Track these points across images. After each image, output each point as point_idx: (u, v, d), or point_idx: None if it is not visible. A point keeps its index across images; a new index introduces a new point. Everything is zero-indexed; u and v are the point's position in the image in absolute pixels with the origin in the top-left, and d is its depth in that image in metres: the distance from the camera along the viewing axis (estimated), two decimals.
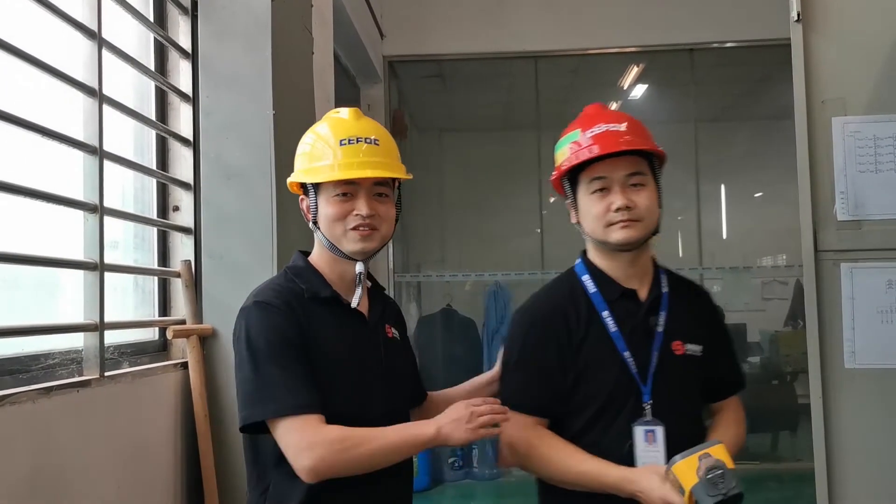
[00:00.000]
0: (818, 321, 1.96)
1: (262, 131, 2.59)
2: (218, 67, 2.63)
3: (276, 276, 1.80)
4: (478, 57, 6.54)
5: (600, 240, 1.80)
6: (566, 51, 6.52)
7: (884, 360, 1.94)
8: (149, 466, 2.21)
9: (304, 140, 1.79)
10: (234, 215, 2.59)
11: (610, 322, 1.78)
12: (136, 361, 2.32)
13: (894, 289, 1.94)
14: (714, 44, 6.48)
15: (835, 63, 1.97)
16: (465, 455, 6.12)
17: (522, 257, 6.92)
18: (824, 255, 1.96)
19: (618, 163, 1.76)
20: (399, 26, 6.33)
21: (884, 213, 1.96)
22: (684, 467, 1.50)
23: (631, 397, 1.74)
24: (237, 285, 2.56)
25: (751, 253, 7.01)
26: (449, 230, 7.75)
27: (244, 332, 1.65)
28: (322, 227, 1.72)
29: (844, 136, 1.96)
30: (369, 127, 1.76)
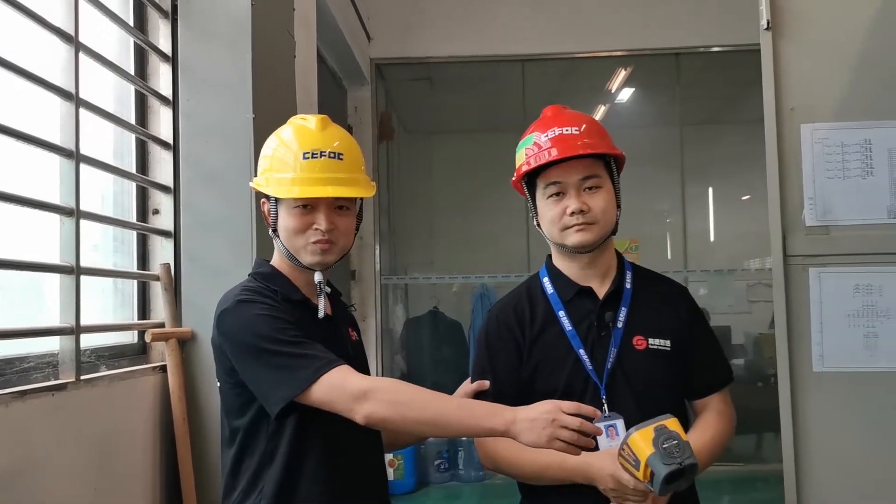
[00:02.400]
0: (787, 325, 1.98)
1: (242, 135, 2.60)
2: (198, 71, 2.64)
3: (244, 282, 1.78)
4: (465, 60, 6.56)
5: (557, 242, 1.83)
6: (553, 54, 6.55)
7: (851, 363, 1.96)
8: (126, 470, 2.22)
9: (269, 144, 1.79)
10: (214, 219, 2.60)
11: (565, 321, 1.82)
12: (115, 364, 2.33)
13: (861, 293, 1.96)
14: (700, 48, 6.52)
15: (804, 70, 1.99)
16: (451, 457, 6.14)
17: (509, 260, 6.94)
18: (793, 260, 1.99)
19: (573, 166, 1.78)
20: (386, 29, 6.34)
21: (851, 218, 1.99)
22: (639, 439, 1.50)
23: (588, 394, 1.76)
24: (217, 288, 2.53)
25: (736, 255, 7.04)
26: (436, 232, 7.77)
27: (239, 330, 1.63)
28: (282, 237, 1.73)
29: (813, 143, 1.98)
30: (335, 138, 1.75)
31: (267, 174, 1.73)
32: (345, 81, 6.11)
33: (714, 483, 5.46)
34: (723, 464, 5.80)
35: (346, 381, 1.57)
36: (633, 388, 1.77)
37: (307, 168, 1.69)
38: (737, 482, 5.78)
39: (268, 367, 1.60)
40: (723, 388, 1.88)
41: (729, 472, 5.82)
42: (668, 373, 1.81)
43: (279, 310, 1.66)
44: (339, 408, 1.57)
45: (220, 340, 1.68)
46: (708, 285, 6.52)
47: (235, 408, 1.70)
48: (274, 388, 1.59)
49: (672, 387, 1.82)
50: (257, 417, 1.66)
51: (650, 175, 7.06)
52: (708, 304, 6.71)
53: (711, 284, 6.44)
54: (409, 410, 1.56)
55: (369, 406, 1.54)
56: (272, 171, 1.73)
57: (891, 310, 1.95)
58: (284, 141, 1.76)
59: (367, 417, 1.54)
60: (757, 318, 6.69)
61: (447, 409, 1.58)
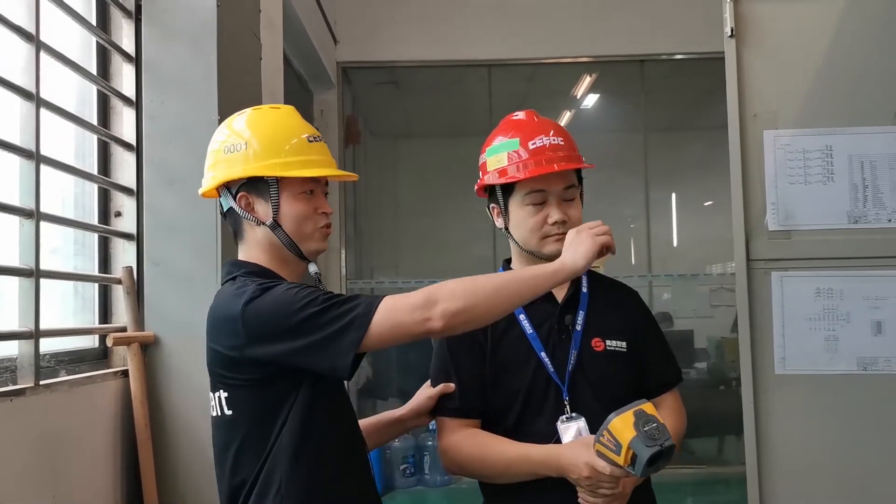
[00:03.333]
0: (750, 328, 2.01)
1: (207, 137, 2.51)
2: (162, 72, 2.61)
3: (238, 282, 1.62)
4: (432, 64, 6.56)
5: (533, 250, 1.83)
6: (520, 59, 6.58)
7: (812, 366, 2.00)
8: (86, 477, 2.18)
9: (245, 130, 1.69)
10: (178, 222, 2.57)
11: (526, 324, 1.83)
12: (75, 370, 2.28)
13: (822, 297, 2.00)
14: (663, 55, 6.60)
15: (767, 78, 2.03)
16: (417, 461, 6.12)
17: (475, 263, 6.95)
18: (756, 264, 2.02)
19: (556, 177, 1.79)
20: (353, 32, 6.32)
21: (812, 223, 2.02)
22: (620, 424, 1.52)
23: (550, 396, 1.78)
24: (180, 292, 2.55)
25: (699, 260, 7.13)
26: (402, 236, 7.75)
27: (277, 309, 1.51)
28: (287, 226, 1.65)
29: (775, 149, 2.02)
30: (312, 126, 1.75)
31: (257, 161, 1.63)
32: (311, 84, 6.08)
33: (675, 485, 5.51)
34: (684, 466, 5.87)
35: (399, 299, 1.50)
36: (594, 388, 1.79)
37: (316, 150, 1.67)
38: (698, 484, 5.85)
39: (323, 327, 1.49)
40: (675, 386, 1.91)
41: (690, 474, 5.88)
42: (625, 372, 1.84)
43: (300, 284, 1.59)
44: (410, 324, 1.48)
45: (245, 341, 1.53)
46: (671, 290, 6.59)
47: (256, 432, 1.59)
48: (339, 342, 1.48)
49: (629, 386, 1.84)
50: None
51: (615, 181, 7.13)
52: (671, 309, 6.79)
53: (675, 289, 6.51)
54: (478, 289, 1.51)
55: (441, 305, 1.46)
56: (266, 157, 1.63)
57: (851, 314, 1.99)
58: (276, 123, 1.70)
59: (444, 316, 1.46)
60: (719, 322, 6.77)
61: (505, 276, 1.57)
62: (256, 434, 1.59)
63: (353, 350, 1.48)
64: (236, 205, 1.67)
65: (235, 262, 1.72)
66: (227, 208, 1.70)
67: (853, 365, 1.98)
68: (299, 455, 1.56)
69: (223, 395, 1.63)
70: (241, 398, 1.60)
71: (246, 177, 1.64)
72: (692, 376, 6.58)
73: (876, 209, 1.99)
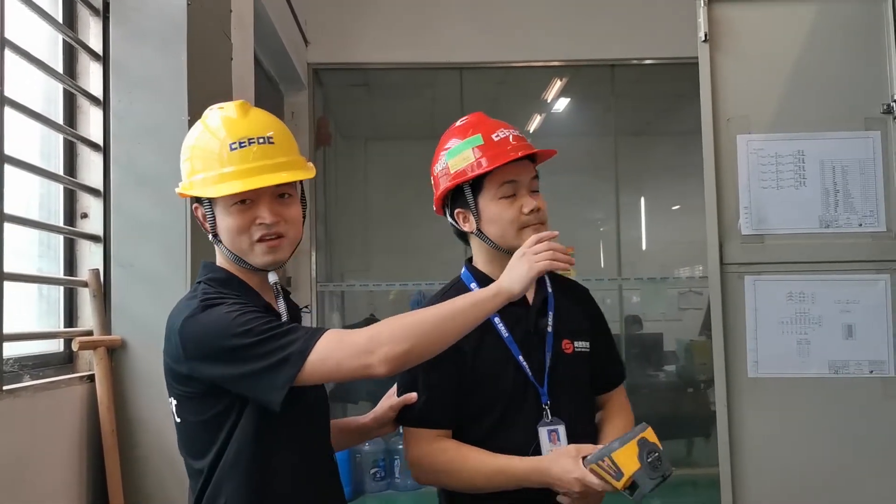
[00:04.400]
0: (723, 332, 2.02)
1: (176, 137, 2.43)
2: (130, 71, 2.56)
3: (197, 290, 1.59)
4: (403, 66, 6.54)
5: (510, 244, 1.78)
6: (491, 63, 6.59)
7: (784, 369, 2.01)
8: (50, 485, 2.12)
9: (186, 144, 1.63)
10: (147, 223, 2.52)
11: (502, 328, 1.78)
12: (39, 374, 2.23)
13: (794, 300, 2.02)
14: (633, 60, 6.64)
15: (740, 82, 2.04)
16: (387, 465, 6.09)
17: (447, 266, 6.91)
18: (729, 268, 2.03)
19: (525, 167, 1.79)
20: (324, 34, 6.28)
21: (784, 227, 2.04)
22: (625, 455, 1.51)
23: (528, 400, 1.75)
24: (148, 295, 2.50)
25: (668, 264, 7.18)
26: (373, 239, 7.72)
27: (214, 334, 1.46)
28: (224, 241, 1.58)
29: (748, 153, 2.03)
30: (260, 123, 1.60)
31: (191, 177, 1.58)
32: (282, 86, 6.03)
33: None
34: None
35: (344, 338, 1.45)
36: (567, 390, 1.77)
37: (238, 159, 1.53)
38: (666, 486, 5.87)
39: (257, 359, 1.44)
40: (622, 382, 1.93)
41: None
42: (588, 374, 1.84)
43: (248, 304, 1.53)
44: (351, 368, 1.44)
45: (183, 357, 1.50)
46: (641, 293, 6.63)
47: (203, 444, 1.55)
48: (271, 376, 1.43)
49: (590, 385, 1.85)
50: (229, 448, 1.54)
51: (585, 184, 7.16)
52: (640, 312, 6.83)
53: (644, 292, 6.55)
54: (420, 327, 1.47)
55: (383, 349, 1.43)
56: (196, 172, 1.57)
57: (822, 317, 2.01)
58: (204, 136, 1.60)
59: (388, 360, 1.42)
60: (688, 325, 6.83)
61: (444, 309, 1.51)
62: (201, 445, 1.56)
63: (286, 386, 1.44)
64: (194, 213, 1.64)
65: (206, 264, 1.68)
66: None
67: (825, 368, 2.00)
68: (246, 470, 1.52)
69: (174, 402, 1.61)
70: (187, 408, 1.57)
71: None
72: (661, 379, 6.63)
73: (847, 214, 2.02)
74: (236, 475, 1.52)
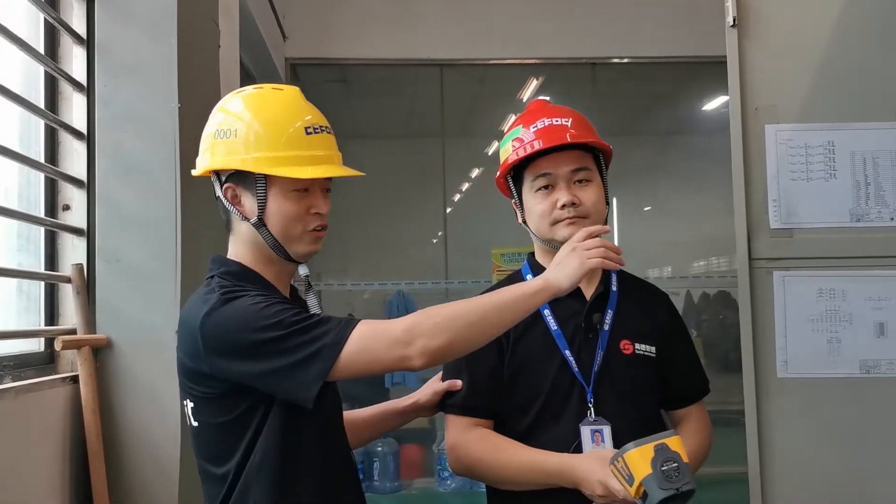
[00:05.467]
0: (752, 330, 1.95)
1: (166, 125, 2.39)
2: (117, 55, 2.43)
3: (212, 283, 1.51)
4: (383, 63, 6.44)
5: (546, 238, 1.74)
6: (472, 60, 6.51)
7: (814, 369, 1.94)
8: (32, 492, 1.99)
9: (235, 119, 1.54)
10: (134, 215, 2.39)
11: (551, 320, 1.72)
12: (20, 375, 2.08)
13: (824, 297, 1.95)
14: (614, 59, 6.61)
15: (768, 70, 1.97)
16: (366, 468, 5.98)
17: (426, 266, 6.85)
18: (757, 263, 1.95)
19: (562, 158, 1.71)
20: (302, 28, 6.16)
21: (814, 221, 1.97)
22: (637, 456, 1.41)
23: (573, 397, 1.68)
24: (135, 292, 2.37)
25: (641, 265, 7.15)
26: (351, 238, 7.58)
27: (238, 328, 1.38)
28: (273, 226, 1.51)
29: (777, 144, 1.96)
30: (319, 113, 1.59)
31: (244, 154, 1.49)
32: (259, 80, 5.86)
33: None
34: None
35: (378, 329, 1.37)
36: (619, 393, 1.69)
37: (314, 144, 1.51)
38: None
39: (287, 353, 1.36)
40: (700, 399, 1.83)
41: None
42: (652, 379, 1.75)
43: (271, 295, 1.46)
44: (387, 360, 1.37)
45: (204, 354, 1.41)
46: None
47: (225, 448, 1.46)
48: (303, 371, 1.35)
49: (654, 394, 1.76)
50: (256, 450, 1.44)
51: None
52: None
53: None
54: (460, 320, 1.39)
55: (421, 341, 1.35)
56: (252, 150, 1.49)
57: (853, 315, 1.94)
58: (268, 115, 1.53)
59: (425, 353, 1.35)
60: None
61: (485, 303, 1.44)
62: (223, 449, 1.47)
63: (319, 382, 1.36)
64: (223, 195, 1.54)
65: (217, 258, 1.59)
66: (217, 196, 1.57)
67: (856, 368, 1.93)
68: (274, 472, 1.43)
69: (189, 405, 1.51)
70: (206, 411, 1.48)
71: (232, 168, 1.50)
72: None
73: (878, 207, 1.95)
74: (263, 478, 1.43)
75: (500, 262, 6.36)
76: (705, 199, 6.43)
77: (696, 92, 7.00)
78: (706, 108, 7.10)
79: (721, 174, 2.35)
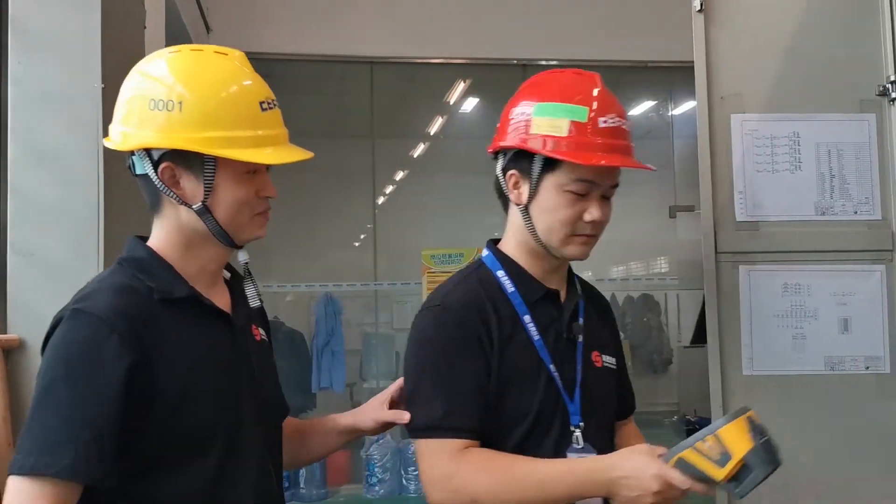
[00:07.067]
0: (718, 326, 1.89)
1: (88, 107, 2.19)
2: (33, 29, 2.22)
3: (109, 272, 1.39)
4: (311, 59, 6.28)
5: (550, 244, 1.53)
6: (403, 58, 6.41)
7: (780, 366, 1.91)
8: None
9: (187, 87, 1.34)
10: (50, 206, 2.19)
11: (532, 328, 1.52)
12: None
13: (789, 292, 1.91)
14: (541, 61, 6.61)
15: (734, 59, 1.93)
16: (292, 475, 5.79)
17: (354, 268, 6.71)
18: (723, 257, 1.90)
19: (609, 171, 1.51)
20: (227, 21, 5.94)
21: (779, 214, 1.94)
22: (734, 431, 1.27)
23: (558, 417, 1.50)
24: (52, 289, 2.15)
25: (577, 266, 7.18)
26: (275, 239, 7.37)
27: (48, 355, 1.26)
28: (221, 212, 1.35)
29: (743, 135, 1.92)
30: (265, 83, 1.42)
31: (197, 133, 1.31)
32: None
33: None
34: None
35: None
36: (596, 410, 1.54)
37: (268, 122, 1.36)
38: None
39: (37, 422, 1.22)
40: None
41: None
42: (615, 394, 1.63)
43: (123, 346, 1.24)
44: None
45: None
46: None
47: None
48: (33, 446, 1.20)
49: (614, 410, 1.64)
50: None
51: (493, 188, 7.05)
52: None
53: None
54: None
55: None
56: (204, 128, 1.31)
57: (818, 310, 1.91)
58: (218, 86, 1.35)
59: None
60: None
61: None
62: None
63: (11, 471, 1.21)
64: (156, 176, 1.35)
65: (133, 241, 1.42)
66: (142, 174, 1.37)
67: (820, 365, 1.90)
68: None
69: None
70: None
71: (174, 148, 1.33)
72: None
73: (843, 200, 1.93)
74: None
75: (431, 264, 6.25)
76: (631, 201, 6.50)
77: (625, 96, 7.08)
78: (633, 112, 7.18)
79: (648, 177, 2.27)
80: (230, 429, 1.36)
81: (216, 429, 1.34)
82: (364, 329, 6.69)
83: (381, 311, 6.68)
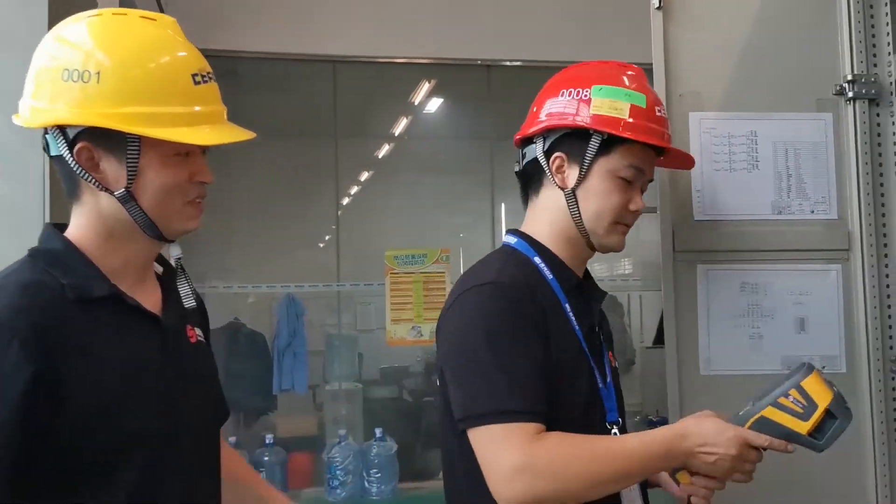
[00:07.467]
0: (675, 325, 1.88)
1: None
2: None
3: (16, 266, 1.25)
4: (274, 57, 6.20)
5: (595, 231, 1.50)
6: (367, 57, 6.36)
7: (737, 366, 1.90)
8: None
9: (106, 56, 1.20)
10: None
11: (572, 317, 1.47)
12: None
13: (747, 292, 1.91)
14: (506, 62, 6.61)
15: (692, 56, 1.93)
16: None
17: (316, 268, 6.64)
18: (681, 256, 1.89)
19: (654, 161, 1.57)
20: (187, 17, 5.69)
21: (737, 213, 1.94)
22: (815, 382, 1.27)
23: (598, 412, 1.45)
24: None
25: None
26: (236, 239, 7.27)
27: None
28: (147, 199, 1.23)
29: (701, 133, 1.92)
30: (200, 54, 1.31)
31: (116, 108, 1.18)
32: None
33: None
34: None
35: None
36: (622, 407, 1.54)
37: (202, 97, 1.25)
38: None
39: None
40: None
41: None
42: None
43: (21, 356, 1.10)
44: None
45: None
46: None
47: None
48: None
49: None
50: None
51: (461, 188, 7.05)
52: None
53: None
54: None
55: None
56: (125, 104, 1.18)
57: (775, 310, 1.91)
58: (142, 55, 1.21)
59: None
60: None
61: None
62: None
63: None
64: (71, 157, 1.22)
65: (49, 231, 1.31)
66: (57, 154, 1.25)
67: (777, 364, 1.90)
68: None
69: None
70: None
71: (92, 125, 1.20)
72: None
73: (799, 200, 1.94)
74: None
75: (394, 265, 6.20)
76: None
77: None
78: None
79: None
80: (157, 439, 1.25)
81: (140, 440, 1.22)
82: (327, 330, 6.63)
83: (343, 311, 6.62)
